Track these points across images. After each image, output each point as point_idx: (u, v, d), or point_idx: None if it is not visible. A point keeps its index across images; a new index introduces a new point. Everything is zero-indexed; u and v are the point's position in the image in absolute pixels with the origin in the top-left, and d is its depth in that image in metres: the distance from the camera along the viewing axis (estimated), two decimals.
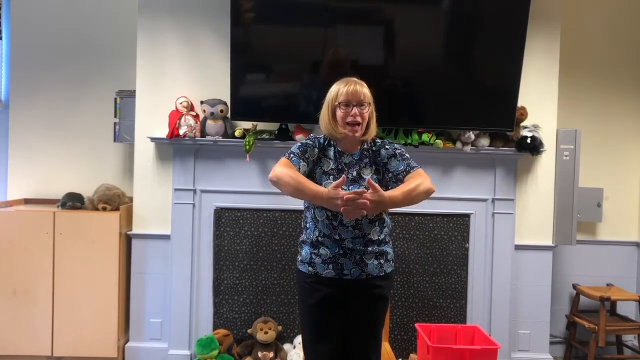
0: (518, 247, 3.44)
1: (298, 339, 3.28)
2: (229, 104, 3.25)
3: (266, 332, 3.26)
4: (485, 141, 3.34)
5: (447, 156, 3.38)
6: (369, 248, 2.13)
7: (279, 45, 3.23)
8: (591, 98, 3.75)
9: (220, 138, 3.32)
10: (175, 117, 3.28)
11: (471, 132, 3.28)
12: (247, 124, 3.34)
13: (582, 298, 3.57)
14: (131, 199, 3.48)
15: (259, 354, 3.23)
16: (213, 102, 3.30)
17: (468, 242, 3.43)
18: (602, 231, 3.78)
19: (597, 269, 3.74)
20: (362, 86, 2.15)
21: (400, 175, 2.15)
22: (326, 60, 3.18)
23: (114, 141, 3.56)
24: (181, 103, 3.31)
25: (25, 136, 3.69)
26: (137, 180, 3.43)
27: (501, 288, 3.41)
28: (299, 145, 2.18)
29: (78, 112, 3.70)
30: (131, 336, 3.46)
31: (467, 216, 3.43)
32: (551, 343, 3.55)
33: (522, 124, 3.36)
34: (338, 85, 2.17)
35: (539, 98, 3.41)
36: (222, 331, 3.34)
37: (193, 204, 3.39)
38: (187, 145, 3.33)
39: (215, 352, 3.20)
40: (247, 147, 3.24)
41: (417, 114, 3.31)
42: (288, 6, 3.19)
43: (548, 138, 3.39)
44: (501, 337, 3.34)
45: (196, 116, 3.35)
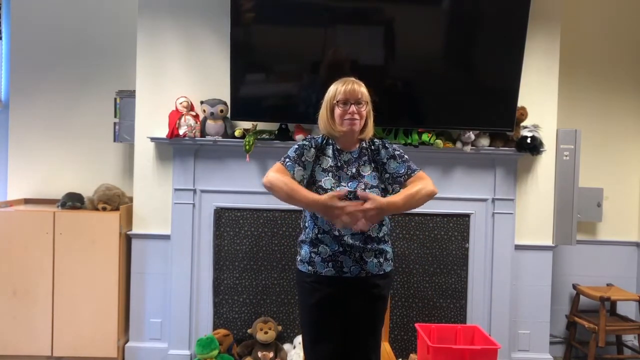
0: (518, 247, 3.44)
1: (298, 339, 3.28)
2: (229, 104, 3.25)
3: (266, 332, 3.26)
4: (485, 141, 3.34)
5: (447, 156, 3.38)
6: (368, 245, 2.14)
7: (279, 45, 3.24)
8: (591, 98, 3.75)
9: (220, 138, 3.32)
10: (175, 117, 3.28)
11: (471, 132, 3.28)
12: (247, 124, 3.34)
13: (582, 298, 3.57)
14: (131, 199, 3.48)
15: (259, 354, 3.23)
16: (213, 102, 3.30)
17: (468, 242, 3.43)
18: (602, 231, 3.78)
19: (597, 269, 3.74)
20: (360, 85, 2.18)
21: (400, 178, 2.17)
22: (326, 60, 3.18)
23: (114, 141, 3.56)
24: (181, 103, 3.31)
25: (25, 136, 3.69)
26: (137, 180, 3.43)
27: (501, 288, 3.42)
28: (295, 148, 2.20)
29: (78, 112, 3.70)
30: (131, 336, 3.46)
31: (467, 216, 3.43)
32: (551, 343, 3.55)
33: (522, 124, 3.36)
34: (336, 84, 2.20)
35: (539, 98, 3.41)
36: (222, 331, 3.34)
37: (193, 204, 3.39)
38: (187, 145, 3.33)
39: (215, 352, 3.20)
40: (247, 147, 3.24)
41: (417, 114, 3.31)
42: (288, 6, 3.19)
43: (548, 138, 3.39)
44: (501, 337, 3.34)
45: (196, 116, 3.35)
